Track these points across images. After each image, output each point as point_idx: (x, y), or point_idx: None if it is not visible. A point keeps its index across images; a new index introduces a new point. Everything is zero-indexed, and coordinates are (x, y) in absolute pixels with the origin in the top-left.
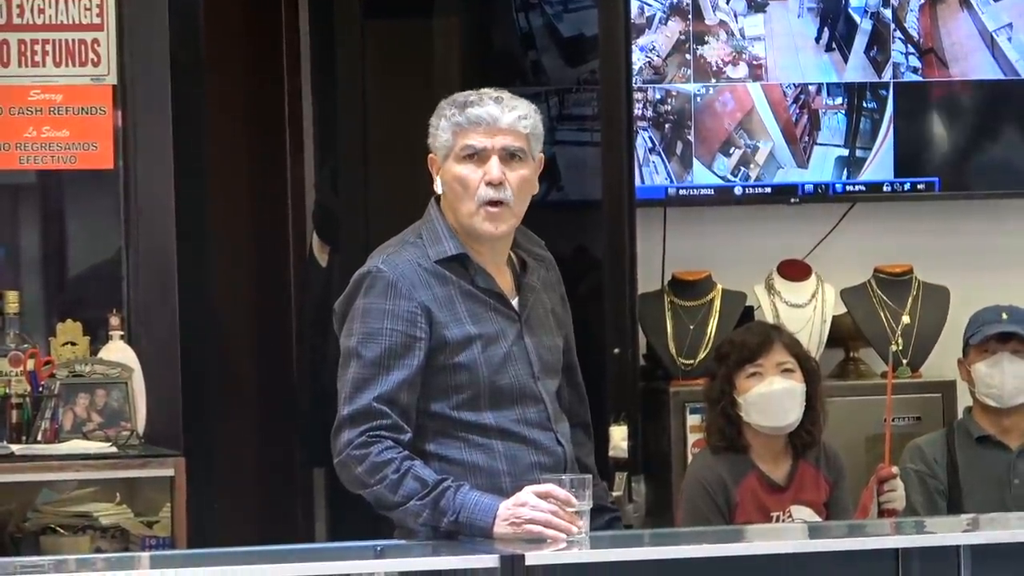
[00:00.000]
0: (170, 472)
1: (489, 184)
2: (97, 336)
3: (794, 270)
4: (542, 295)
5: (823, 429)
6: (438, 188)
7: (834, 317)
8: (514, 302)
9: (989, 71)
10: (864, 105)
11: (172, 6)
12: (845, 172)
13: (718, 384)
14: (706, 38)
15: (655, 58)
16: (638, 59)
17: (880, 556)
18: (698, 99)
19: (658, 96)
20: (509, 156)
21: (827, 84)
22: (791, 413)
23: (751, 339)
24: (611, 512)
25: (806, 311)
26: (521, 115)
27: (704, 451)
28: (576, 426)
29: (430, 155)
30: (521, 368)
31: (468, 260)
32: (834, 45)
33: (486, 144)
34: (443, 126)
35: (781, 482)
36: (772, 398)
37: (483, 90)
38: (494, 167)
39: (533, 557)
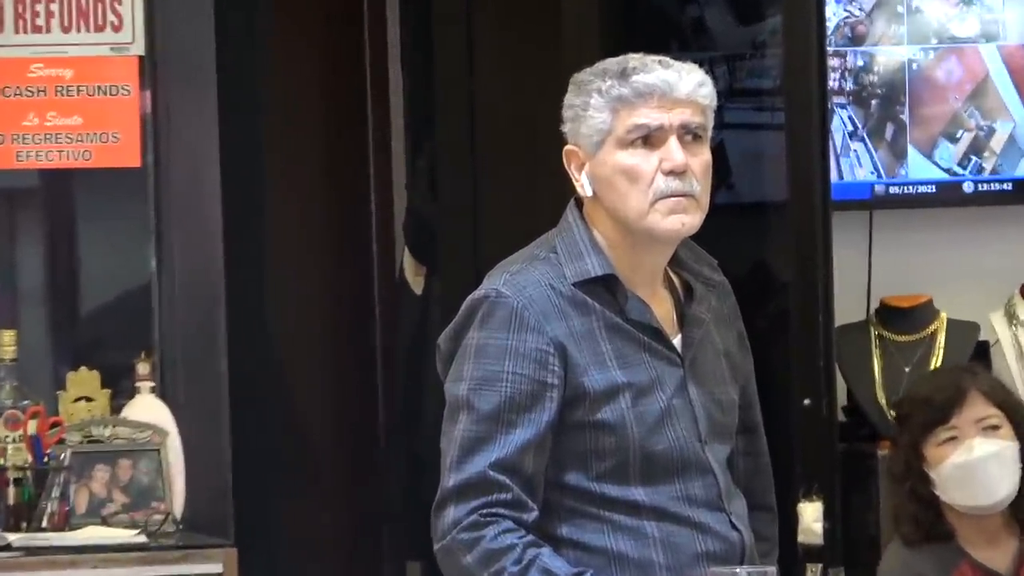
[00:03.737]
0: (218, 568)
1: (670, 173)
2: (120, 389)
3: None
4: (713, 332)
5: None
6: (586, 189)
7: None
8: (676, 340)
9: None
10: None
11: None
12: None
13: (902, 456)
14: None
15: (856, 12)
16: (834, 14)
17: None
18: (914, 66)
19: (861, 63)
20: (688, 136)
21: None
22: (1003, 484)
23: (938, 393)
24: None
25: None
26: (699, 82)
27: (895, 544)
28: (755, 509)
29: (567, 147)
30: (684, 428)
31: (616, 283)
32: None
33: (662, 121)
34: (596, 104)
35: (1004, 571)
36: (975, 468)
37: (633, 55)
38: (675, 150)
39: None
